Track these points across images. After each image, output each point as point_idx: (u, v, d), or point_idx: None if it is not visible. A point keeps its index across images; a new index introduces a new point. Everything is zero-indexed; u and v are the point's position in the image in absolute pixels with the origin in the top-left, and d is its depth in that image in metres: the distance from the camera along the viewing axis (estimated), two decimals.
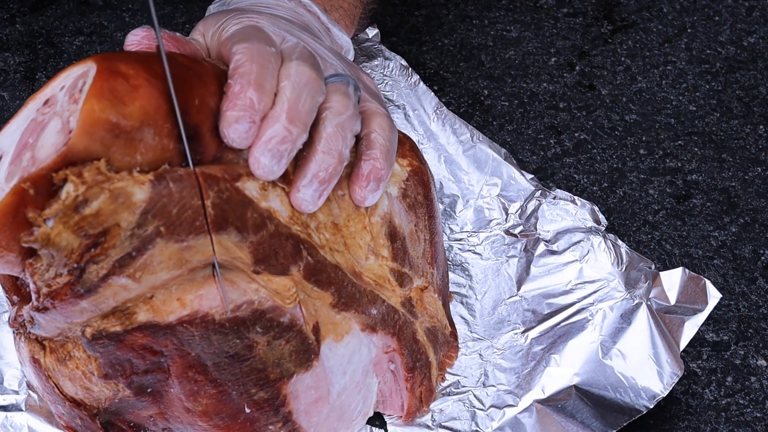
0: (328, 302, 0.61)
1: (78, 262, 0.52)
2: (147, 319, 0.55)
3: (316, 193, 0.58)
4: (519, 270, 0.76)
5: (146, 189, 0.52)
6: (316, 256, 0.59)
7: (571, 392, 0.68)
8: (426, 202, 0.67)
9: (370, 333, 0.63)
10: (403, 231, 0.65)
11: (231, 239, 0.55)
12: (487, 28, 0.98)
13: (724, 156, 0.87)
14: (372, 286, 0.63)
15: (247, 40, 0.58)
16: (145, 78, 0.53)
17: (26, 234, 0.52)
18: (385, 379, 0.67)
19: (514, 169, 0.81)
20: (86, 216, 0.51)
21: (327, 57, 0.64)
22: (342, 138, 0.59)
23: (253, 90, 0.55)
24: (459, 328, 0.73)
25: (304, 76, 0.57)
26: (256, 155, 0.55)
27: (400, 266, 0.64)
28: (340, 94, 0.60)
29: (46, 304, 0.54)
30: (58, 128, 0.53)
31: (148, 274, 0.54)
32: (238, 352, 0.57)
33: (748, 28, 0.98)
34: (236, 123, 0.55)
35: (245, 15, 0.63)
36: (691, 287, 0.70)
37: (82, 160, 0.51)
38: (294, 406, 0.61)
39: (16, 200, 0.51)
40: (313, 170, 0.58)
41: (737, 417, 0.71)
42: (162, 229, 0.53)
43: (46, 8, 0.99)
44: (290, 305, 0.58)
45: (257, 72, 0.56)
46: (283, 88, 0.56)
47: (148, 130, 0.53)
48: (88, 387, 0.59)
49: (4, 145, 0.57)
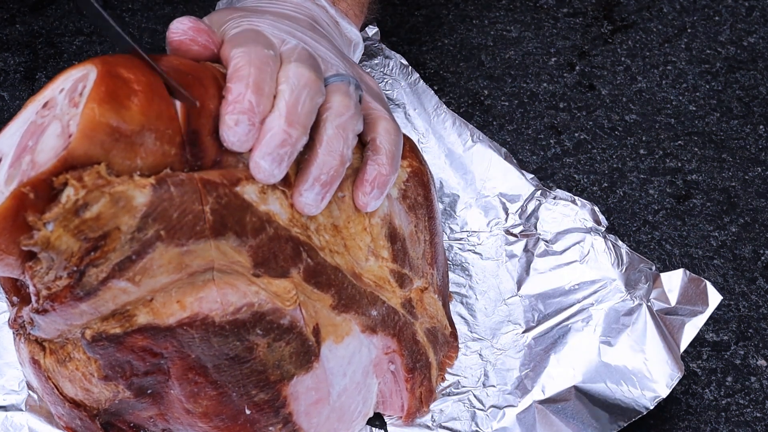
0: (329, 304, 0.61)
1: (78, 265, 0.52)
2: (147, 322, 0.55)
3: (318, 196, 0.58)
4: (519, 270, 0.76)
5: (147, 193, 0.52)
6: (316, 258, 0.59)
7: (571, 393, 0.68)
8: (426, 202, 0.67)
9: (371, 334, 0.63)
10: (403, 232, 0.65)
11: (230, 244, 0.55)
12: (487, 28, 0.98)
13: (724, 156, 0.87)
14: (372, 287, 0.63)
15: (245, 44, 0.58)
16: (146, 82, 0.53)
17: (26, 237, 0.52)
18: (385, 379, 0.67)
19: (515, 168, 0.81)
20: (86, 220, 0.51)
21: (328, 57, 0.63)
22: (343, 139, 0.59)
23: (251, 93, 0.55)
24: (459, 328, 0.73)
25: (303, 77, 0.57)
26: (256, 159, 0.55)
27: (400, 267, 0.64)
28: (341, 95, 0.60)
29: (46, 306, 0.54)
30: (58, 132, 0.53)
31: (148, 277, 0.54)
32: (238, 354, 0.57)
33: (748, 28, 0.98)
34: (235, 126, 0.55)
35: (246, 17, 0.63)
36: (691, 289, 0.70)
37: (82, 164, 0.51)
38: (294, 407, 0.61)
39: (15, 204, 0.51)
40: (315, 173, 0.58)
41: (737, 417, 0.71)
42: (162, 233, 0.53)
43: (46, 8, 0.99)
44: (290, 307, 0.58)
45: (255, 75, 0.56)
46: (281, 91, 0.56)
47: (149, 135, 0.53)
48: (88, 388, 0.59)
49: (3, 147, 0.57)
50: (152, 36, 0.97)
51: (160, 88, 0.54)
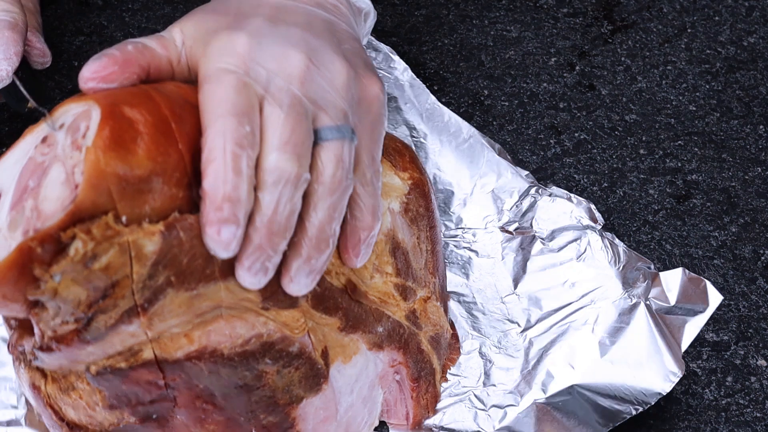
0: (336, 327, 0.60)
1: (86, 312, 0.51)
2: (153, 356, 0.54)
3: (308, 279, 0.55)
4: (515, 268, 0.76)
5: (156, 240, 0.51)
6: (323, 283, 0.58)
7: (572, 391, 0.68)
8: (427, 213, 0.66)
9: (377, 350, 0.63)
10: (405, 245, 0.64)
11: (238, 283, 0.54)
12: (487, 28, 0.98)
13: (724, 156, 0.87)
14: (377, 303, 0.62)
15: (219, 115, 0.52)
16: (152, 123, 0.52)
17: (33, 288, 0.50)
18: (390, 389, 0.66)
19: (509, 164, 0.80)
20: (95, 270, 0.50)
21: (325, 91, 0.56)
22: (336, 219, 0.55)
23: (230, 192, 0.51)
24: (458, 327, 0.73)
25: (284, 174, 0.52)
26: (239, 274, 0.53)
27: (404, 280, 0.64)
28: (334, 163, 0.54)
29: (51, 346, 0.53)
30: (62, 179, 0.51)
31: (159, 322, 0.53)
32: (247, 383, 0.56)
33: (748, 28, 0.98)
34: (219, 236, 0.51)
35: (232, 30, 0.56)
36: (691, 288, 0.70)
37: (90, 216, 0.50)
38: (302, 427, 0.60)
39: (22, 257, 0.49)
40: (304, 258, 0.54)
41: (737, 417, 0.71)
42: (173, 278, 0.52)
43: (46, 8, 0.99)
44: (299, 335, 0.57)
45: (233, 178, 0.51)
46: (260, 198, 0.52)
47: (156, 180, 0.51)
48: (92, 415, 0.58)
49: (2, 181, 0.55)
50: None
51: (164, 125, 0.52)
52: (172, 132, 0.52)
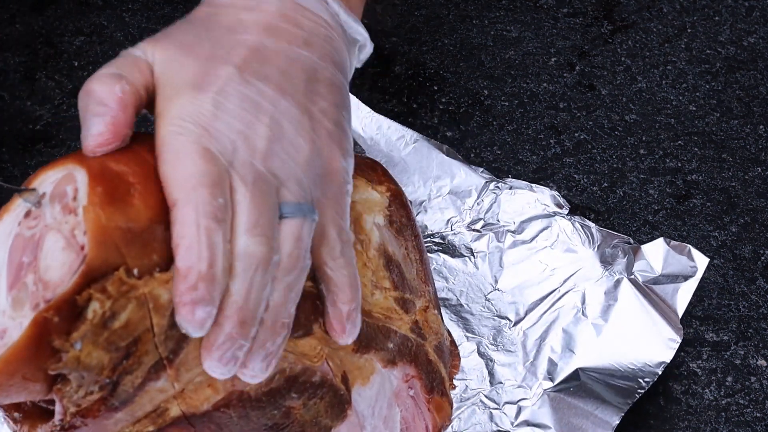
0: (351, 349, 0.59)
1: (110, 376, 0.49)
2: (181, 413, 0.53)
3: (263, 363, 0.52)
4: (492, 264, 0.76)
5: (171, 288, 0.49)
6: None
7: (578, 375, 0.68)
8: (409, 222, 0.66)
9: (391, 367, 0.63)
10: (397, 258, 0.64)
11: None
12: (487, 28, 0.98)
13: (724, 156, 0.87)
14: (382, 320, 0.62)
15: (191, 184, 0.49)
16: (139, 173, 0.50)
17: (53, 361, 0.48)
18: (406, 405, 0.66)
19: (460, 163, 0.79)
20: (116, 330, 0.49)
21: (288, 165, 0.53)
22: (292, 300, 0.52)
23: (203, 281, 0.48)
24: (451, 332, 0.73)
25: (254, 259, 0.50)
26: (208, 365, 0.50)
27: (402, 293, 0.64)
28: (292, 243, 0.52)
29: (76, 423, 0.50)
30: (61, 245, 0.49)
31: (185, 372, 0.51)
32: (276, 422, 0.56)
33: (748, 28, 0.98)
34: (192, 316, 0.48)
35: (199, 93, 0.52)
36: (675, 256, 0.71)
37: (102, 274, 0.48)
38: None
39: (39, 331, 0.47)
40: (259, 343, 0.51)
41: (737, 417, 0.71)
42: None
43: (46, 8, 0.99)
44: (318, 363, 0.56)
45: (207, 251, 0.48)
46: (230, 286, 0.49)
47: (158, 227, 0.50)
48: None
49: None
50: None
51: (151, 171, 0.50)
52: (158, 176, 0.51)
